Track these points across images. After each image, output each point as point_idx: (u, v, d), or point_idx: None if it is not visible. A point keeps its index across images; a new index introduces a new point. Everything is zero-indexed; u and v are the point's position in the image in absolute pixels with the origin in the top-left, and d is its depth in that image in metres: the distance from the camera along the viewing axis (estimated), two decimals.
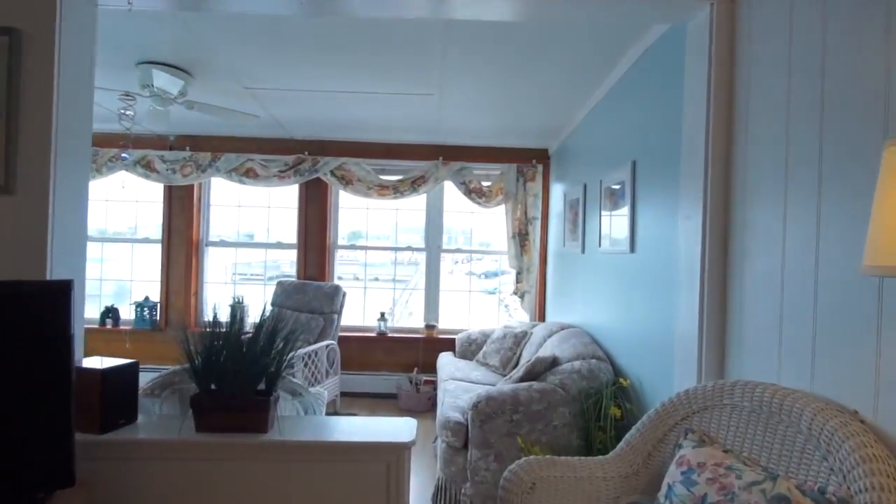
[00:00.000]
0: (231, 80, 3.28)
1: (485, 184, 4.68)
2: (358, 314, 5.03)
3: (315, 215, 4.92)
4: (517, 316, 7.28)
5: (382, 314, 4.84)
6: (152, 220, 5.16)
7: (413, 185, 4.66)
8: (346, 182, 4.70)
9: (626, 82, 2.74)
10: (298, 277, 4.90)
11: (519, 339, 3.82)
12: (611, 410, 2.41)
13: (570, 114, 3.68)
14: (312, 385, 3.91)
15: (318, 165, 4.70)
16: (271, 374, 1.86)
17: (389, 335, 4.81)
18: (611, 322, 2.90)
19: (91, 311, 5.14)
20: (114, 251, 5.42)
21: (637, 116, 2.57)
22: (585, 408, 2.48)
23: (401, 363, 4.78)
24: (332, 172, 4.71)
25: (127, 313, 5.04)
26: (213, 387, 1.75)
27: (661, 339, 2.16)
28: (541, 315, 4.82)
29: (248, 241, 5.33)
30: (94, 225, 5.34)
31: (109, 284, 5.49)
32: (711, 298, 1.74)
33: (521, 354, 3.76)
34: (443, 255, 4.99)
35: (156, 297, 5.04)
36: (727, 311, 1.71)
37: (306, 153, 4.76)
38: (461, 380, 3.55)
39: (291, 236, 5.01)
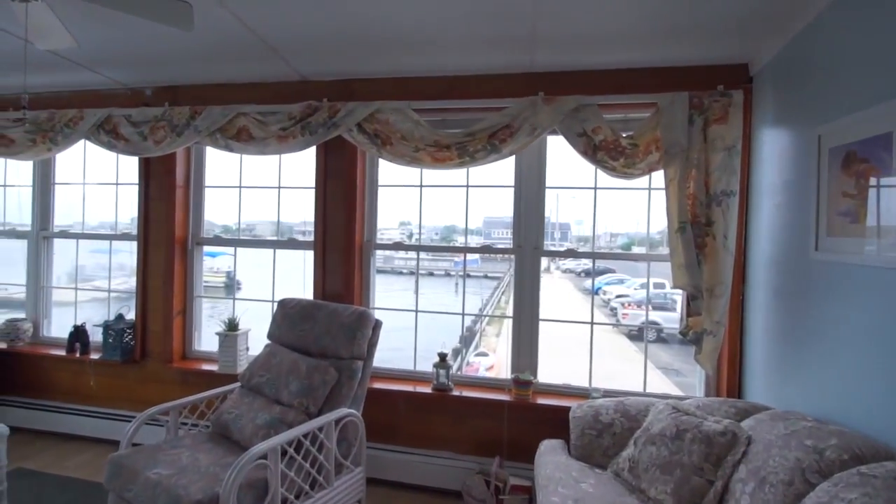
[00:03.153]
0: None
1: (624, 134, 2.59)
2: (405, 354, 3.21)
3: (338, 198, 3.14)
4: (629, 320, 5.05)
5: (443, 357, 2.96)
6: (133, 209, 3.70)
7: (492, 140, 2.70)
8: (383, 141, 2.86)
9: None
10: (315, 295, 3.17)
11: (718, 451, 1.77)
12: None
13: None
14: (300, 499, 2.12)
15: (337, 117, 2.90)
16: None
17: (454, 392, 2.93)
18: None
19: (63, 330, 3.82)
20: (95, 250, 4.06)
21: None
22: None
23: (472, 439, 2.89)
24: (359, 127, 2.89)
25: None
26: None
27: None
28: (731, 384, 2.61)
29: (258, 236, 3.70)
30: (67, 214, 4.00)
31: (91, 295, 4.15)
32: None
33: (726, 490, 1.71)
34: (543, 259, 3.01)
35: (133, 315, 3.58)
36: None
37: (325, 100, 3.00)
38: None
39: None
